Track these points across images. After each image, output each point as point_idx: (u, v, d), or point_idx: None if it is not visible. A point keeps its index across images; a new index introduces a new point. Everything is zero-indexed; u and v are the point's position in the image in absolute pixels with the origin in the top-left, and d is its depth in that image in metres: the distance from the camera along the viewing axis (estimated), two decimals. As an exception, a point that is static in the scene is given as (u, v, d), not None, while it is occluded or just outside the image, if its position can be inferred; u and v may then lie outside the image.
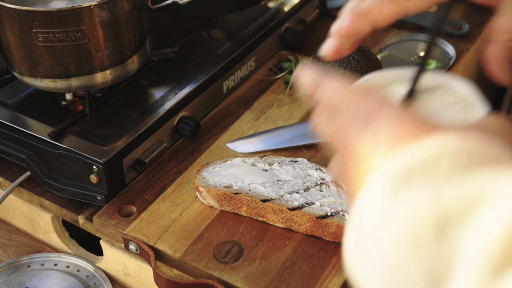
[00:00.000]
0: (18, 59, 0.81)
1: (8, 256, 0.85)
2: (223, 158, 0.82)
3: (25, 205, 0.86)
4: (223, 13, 1.06)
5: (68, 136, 0.81)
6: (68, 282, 0.80)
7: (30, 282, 0.80)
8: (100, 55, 0.81)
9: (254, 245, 0.72)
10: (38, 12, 0.76)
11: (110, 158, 0.77)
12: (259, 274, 0.69)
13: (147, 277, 0.78)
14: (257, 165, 0.80)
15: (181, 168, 0.84)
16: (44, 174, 0.81)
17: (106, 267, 0.82)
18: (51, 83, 0.82)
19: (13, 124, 0.83)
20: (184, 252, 0.72)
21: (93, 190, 0.79)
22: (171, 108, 0.86)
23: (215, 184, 0.76)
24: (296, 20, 1.11)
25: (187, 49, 1.00)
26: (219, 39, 1.02)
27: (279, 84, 1.00)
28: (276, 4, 1.10)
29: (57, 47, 0.78)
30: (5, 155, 0.84)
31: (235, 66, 0.97)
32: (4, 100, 0.89)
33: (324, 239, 0.72)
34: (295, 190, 0.75)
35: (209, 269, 0.69)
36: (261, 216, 0.74)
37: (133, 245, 0.73)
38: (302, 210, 0.72)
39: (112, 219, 0.76)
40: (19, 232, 0.90)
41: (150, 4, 0.87)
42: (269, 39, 1.04)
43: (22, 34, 0.78)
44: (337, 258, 0.70)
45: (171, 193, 0.80)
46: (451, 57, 1.03)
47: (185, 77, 0.93)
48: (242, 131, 0.90)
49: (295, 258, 0.70)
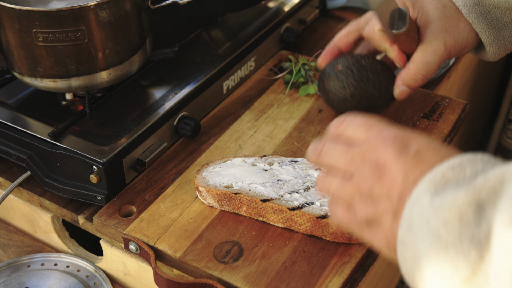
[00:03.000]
0: (18, 59, 0.81)
1: (8, 256, 0.85)
2: (223, 158, 0.82)
3: (25, 205, 0.86)
4: (223, 13, 1.06)
5: (68, 136, 0.81)
6: (68, 282, 0.80)
7: (30, 282, 0.80)
8: (100, 55, 0.81)
9: (254, 245, 0.72)
10: (38, 12, 0.76)
11: (110, 158, 0.77)
12: (259, 274, 0.69)
13: (147, 277, 0.78)
14: (257, 165, 0.80)
15: (181, 168, 0.84)
16: (44, 174, 0.81)
17: (106, 267, 0.82)
18: (51, 83, 0.82)
19: (13, 124, 0.83)
20: (184, 252, 0.72)
21: (93, 190, 0.79)
22: (171, 108, 0.86)
23: (215, 184, 0.76)
24: (296, 20, 1.11)
25: (187, 49, 1.00)
26: (219, 39, 1.02)
27: (279, 84, 1.00)
28: (276, 4, 1.10)
29: (57, 47, 0.78)
30: (5, 155, 0.84)
31: (235, 66, 0.97)
32: (4, 100, 0.89)
33: (324, 239, 0.72)
34: (295, 190, 0.75)
35: (209, 269, 0.69)
36: (261, 216, 0.74)
37: (133, 245, 0.73)
38: (302, 210, 0.72)
39: (112, 219, 0.76)
40: (19, 232, 0.90)
41: (150, 4, 0.87)
42: (269, 39, 1.04)
43: (22, 34, 0.78)
44: (337, 258, 0.70)
45: (171, 193, 0.80)
46: (451, 57, 1.03)
47: (185, 77, 0.93)
48: (242, 131, 0.90)
49: (295, 258, 0.70)
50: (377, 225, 0.54)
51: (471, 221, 0.44)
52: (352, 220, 0.56)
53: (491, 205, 0.43)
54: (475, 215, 0.44)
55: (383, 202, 0.52)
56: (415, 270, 0.48)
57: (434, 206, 0.46)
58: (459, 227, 0.44)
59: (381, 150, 0.53)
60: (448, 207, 0.45)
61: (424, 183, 0.48)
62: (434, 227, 0.45)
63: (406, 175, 0.51)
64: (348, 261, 0.70)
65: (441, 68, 1.01)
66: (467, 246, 0.43)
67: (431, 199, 0.47)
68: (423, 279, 0.47)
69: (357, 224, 0.56)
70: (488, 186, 0.44)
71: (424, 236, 0.46)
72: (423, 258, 0.46)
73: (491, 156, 0.48)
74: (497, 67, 1.70)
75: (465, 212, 0.44)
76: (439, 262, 0.45)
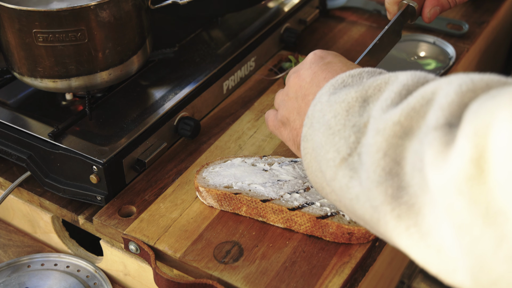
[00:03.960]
0: (18, 59, 0.81)
1: (8, 256, 0.85)
2: (223, 158, 0.82)
3: (25, 205, 0.86)
4: (223, 13, 1.06)
5: (68, 136, 0.81)
6: (68, 282, 0.80)
7: (30, 282, 0.80)
8: (100, 55, 0.81)
9: (254, 245, 0.72)
10: (38, 12, 0.76)
11: (110, 158, 0.77)
12: (259, 274, 0.69)
13: (147, 277, 0.78)
14: (257, 165, 0.80)
15: (181, 168, 0.84)
16: (44, 174, 0.81)
17: (106, 267, 0.82)
18: (51, 83, 0.82)
19: (13, 124, 0.83)
20: (184, 252, 0.72)
21: (93, 190, 0.79)
22: (171, 108, 0.86)
23: (215, 184, 0.76)
24: (296, 20, 1.11)
25: (187, 49, 1.00)
26: (219, 39, 1.02)
27: (279, 84, 1.00)
28: (276, 4, 1.10)
29: (57, 47, 0.78)
30: (5, 155, 0.84)
31: (235, 66, 0.97)
32: (4, 100, 0.89)
33: (324, 239, 0.72)
34: (295, 190, 0.75)
35: (209, 269, 0.69)
36: (261, 216, 0.74)
37: (133, 245, 0.73)
38: (302, 210, 0.72)
39: (112, 219, 0.76)
40: (19, 232, 0.90)
41: (150, 4, 0.87)
42: (269, 39, 1.04)
43: (22, 34, 0.78)
44: (337, 258, 0.70)
45: (171, 193, 0.80)
46: (451, 57, 1.03)
47: (185, 77, 0.93)
48: (242, 131, 0.90)
49: (295, 258, 0.70)
50: (288, 123, 0.64)
51: (355, 112, 0.51)
52: (274, 122, 0.68)
53: (375, 100, 0.51)
54: (360, 108, 0.51)
55: (291, 102, 0.63)
56: (312, 160, 0.55)
57: (329, 102, 0.54)
58: (345, 118, 0.52)
59: (303, 64, 0.64)
60: (339, 102, 0.53)
61: (326, 86, 0.56)
62: (327, 119, 0.53)
63: (313, 79, 0.61)
64: (348, 261, 0.70)
65: (441, 68, 1.01)
66: (348, 132, 0.51)
67: (328, 97, 0.55)
68: (317, 166, 0.55)
69: (277, 126, 0.67)
70: (375, 85, 0.52)
71: (320, 129, 0.54)
72: (317, 147, 0.54)
73: None
74: (496, 67, 1.70)
75: (352, 105, 0.52)
76: (327, 147, 0.52)
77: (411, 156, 0.44)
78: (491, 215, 0.38)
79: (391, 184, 0.45)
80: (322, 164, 0.53)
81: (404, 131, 0.46)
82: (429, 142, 0.42)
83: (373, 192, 0.47)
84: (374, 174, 0.47)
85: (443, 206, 0.41)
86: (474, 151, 0.38)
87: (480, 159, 0.38)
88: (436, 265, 0.44)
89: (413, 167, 0.44)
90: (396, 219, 0.45)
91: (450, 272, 0.42)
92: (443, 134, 0.42)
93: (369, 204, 0.48)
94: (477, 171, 0.38)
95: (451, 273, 0.43)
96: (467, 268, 0.41)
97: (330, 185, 0.53)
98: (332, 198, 0.55)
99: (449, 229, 0.41)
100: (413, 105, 0.46)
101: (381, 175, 0.46)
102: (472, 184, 0.38)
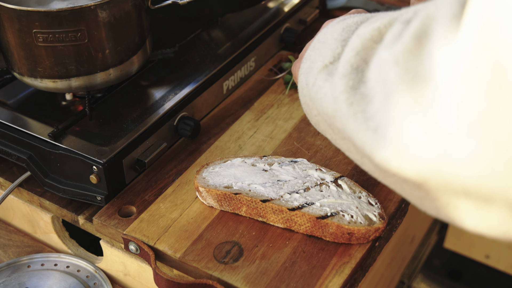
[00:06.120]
0: (18, 59, 0.81)
1: (8, 256, 0.85)
2: (223, 159, 0.82)
3: (25, 205, 0.86)
4: (223, 13, 1.06)
5: (68, 136, 0.81)
6: (68, 282, 0.80)
7: (30, 282, 0.80)
8: (100, 55, 0.81)
9: (254, 245, 0.72)
10: (38, 12, 0.76)
11: (110, 158, 0.77)
12: (259, 275, 0.69)
13: (147, 277, 0.78)
14: (257, 165, 0.80)
15: (181, 168, 0.84)
16: (44, 174, 0.81)
17: (106, 267, 0.82)
18: (51, 83, 0.82)
19: (13, 124, 0.83)
20: (184, 252, 0.72)
21: (93, 190, 0.79)
22: (171, 108, 0.86)
23: (215, 185, 0.76)
24: (296, 20, 1.11)
25: (187, 49, 1.00)
26: (219, 39, 1.02)
27: (279, 84, 1.00)
28: (276, 4, 1.10)
29: (57, 47, 0.78)
30: (5, 155, 0.84)
31: (235, 66, 0.97)
32: (4, 100, 0.89)
33: (324, 239, 0.72)
34: (295, 190, 0.75)
35: (209, 269, 0.70)
36: (261, 216, 0.74)
37: (133, 245, 0.73)
38: (302, 210, 0.72)
39: (112, 219, 0.76)
40: (19, 232, 0.90)
41: (150, 4, 0.87)
42: (269, 39, 1.04)
43: (22, 35, 0.78)
44: (337, 258, 0.70)
45: (171, 193, 0.80)
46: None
47: (185, 77, 0.93)
48: (242, 131, 0.90)
49: (295, 258, 0.71)
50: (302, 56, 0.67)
51: (350, 31, 0.56)
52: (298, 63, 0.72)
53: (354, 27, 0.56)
54: (356, 28, 0.56)
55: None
56: (304, 77, 0.60)
57: (333, 26, 0.59)
58: (339, 34, 0.57)
59: None
60: (340, 23, 0.58)
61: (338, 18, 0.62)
62: (326, 37, 0.58)
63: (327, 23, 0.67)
64: (348, 261, 0.70)
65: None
66: (336, 45, 0.56)
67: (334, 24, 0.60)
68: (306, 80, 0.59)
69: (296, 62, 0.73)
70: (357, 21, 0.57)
71: (317, 46, 0.59)
72: (312, 63, 0.58)
73: None
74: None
75: (349, 25, 0.57)
76: (317, 57, 0.58)
77: (378, 58, 0.49)
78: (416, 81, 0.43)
79: (353, 78, 0.51)
80: (309, 76, 0.58)
81: (381, 37, 0.50)
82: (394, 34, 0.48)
83: (337, 84, 0.52)
84: (342, 68, 0.52)
85: (383, 81, 0.46)
86: (419, 27, 0.44)
87: (422, 35, 0.43)
88: (369, 144, 0.48)
89: (377, 65, 0.48)
90: (348, 106, 0.50)
91: (379, 149, 0.47)
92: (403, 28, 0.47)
93: (331, 95, 0.53)
94: (417, 44, 0.44)
95: (379, 150, 0.47)
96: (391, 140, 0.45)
97: (310, 93, 0.58)
98: (309, 109, 0.60)
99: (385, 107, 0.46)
100: (395, 16, 0.51)
101: (348, 69, 0.51)
102: (409, 55, 0.44)
